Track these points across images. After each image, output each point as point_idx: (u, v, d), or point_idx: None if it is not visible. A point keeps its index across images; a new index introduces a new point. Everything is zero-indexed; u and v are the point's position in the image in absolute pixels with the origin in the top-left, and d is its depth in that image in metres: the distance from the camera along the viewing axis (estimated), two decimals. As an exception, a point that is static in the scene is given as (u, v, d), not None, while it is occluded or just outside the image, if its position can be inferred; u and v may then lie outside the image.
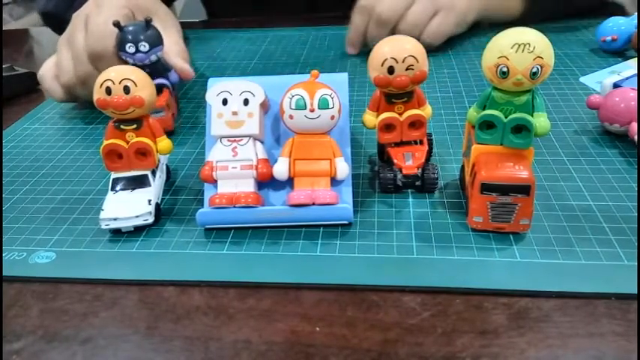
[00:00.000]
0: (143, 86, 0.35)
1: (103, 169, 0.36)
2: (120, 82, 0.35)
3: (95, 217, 0.38)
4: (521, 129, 0.32)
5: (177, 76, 0.52)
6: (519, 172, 0.32)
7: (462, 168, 0.39)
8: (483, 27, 0.68)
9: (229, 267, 0.33)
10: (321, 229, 0.36)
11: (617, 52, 0.60)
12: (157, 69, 0.48)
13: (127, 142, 0.36)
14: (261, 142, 0.38)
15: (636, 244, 0.32)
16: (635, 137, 0.41)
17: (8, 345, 0.29)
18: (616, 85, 0.46)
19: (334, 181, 0.36)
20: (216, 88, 0.37)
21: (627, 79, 0.46)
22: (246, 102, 0.36)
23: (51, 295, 0.32)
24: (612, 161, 0.41)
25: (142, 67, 0.45)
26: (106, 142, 0.36)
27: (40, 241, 0.36)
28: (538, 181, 0.38)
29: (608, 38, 0.59)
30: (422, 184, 0.38)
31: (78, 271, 0.33)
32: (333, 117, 0.35)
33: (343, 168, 0.35)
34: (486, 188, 0.32)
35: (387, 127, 0.36)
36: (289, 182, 0.36)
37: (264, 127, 0.39)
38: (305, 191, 0.35)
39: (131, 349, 0.28)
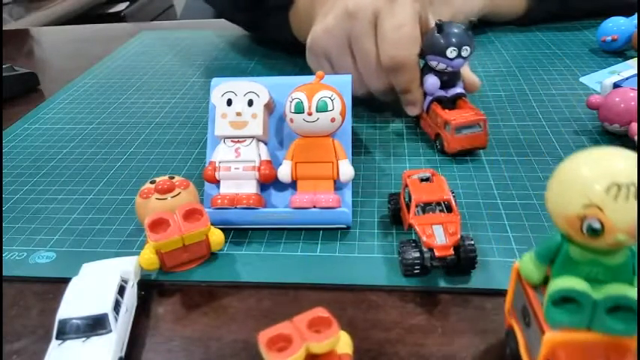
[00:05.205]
0: None
1: (104, 169, 0.35)
2: None
3: (95, 217, 0.39)
4: (620, 307, 0.21)
5: (462, 88, 0.43)
6: None
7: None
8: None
9: (229, 267, 0.33)
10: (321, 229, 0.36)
11: (617, 52, 0.60)
12: (454, 78, 0.42)
13: None
14: (265, 144, 0.37)
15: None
16: (635, 137, 0.41)
17: (8, 345, 0.29)
18: (616, 85, 0.46)
19: (337, 184, 0.36)
20: (220, 89, 0.37)
21: (627, 79, 0.46)
22: (250, 103, 0.36)
23: (51, 295, 0.32)
24: (612, 161, 0.41)
25: (441, 74, 0.41)
26: None
27: (40, 241, 0.37)
28: (538, 181, 0.38)
29: (608, 38, 0.59)
30: (457, 264, 0.30)
31: (78, 271, 0.33)
32: (333, 119, 0.34)
33: (347, 170, 0.35)
34: None
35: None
36: (292, 184, 0.36)
37: (269, 128, 0.38)
38: (307, 194, 0.35)
39: (132, 349, 0.28)
